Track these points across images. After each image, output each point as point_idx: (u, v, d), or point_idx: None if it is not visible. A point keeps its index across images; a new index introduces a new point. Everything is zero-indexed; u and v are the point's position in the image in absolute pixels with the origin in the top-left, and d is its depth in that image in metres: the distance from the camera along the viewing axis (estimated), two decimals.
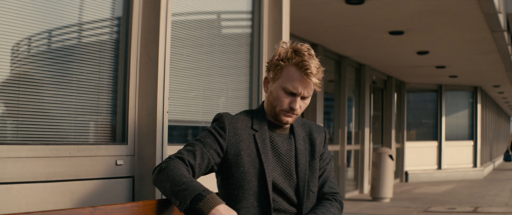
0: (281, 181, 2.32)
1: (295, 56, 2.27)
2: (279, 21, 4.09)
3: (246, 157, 2.28)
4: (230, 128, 2.31)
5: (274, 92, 2.32)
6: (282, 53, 2.31)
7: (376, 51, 10.13)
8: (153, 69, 3.03)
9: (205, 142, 2.29)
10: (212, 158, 2.28)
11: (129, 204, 2.17)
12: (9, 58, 2.50)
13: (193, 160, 2.24)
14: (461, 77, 14.28)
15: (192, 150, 2.27)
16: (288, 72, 2.28)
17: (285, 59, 2.29)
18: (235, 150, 2.29)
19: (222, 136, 2.30)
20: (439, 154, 15.89)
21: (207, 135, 2.32)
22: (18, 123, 2.53)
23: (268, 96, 2.37)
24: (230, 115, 2.36)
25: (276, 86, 2.31)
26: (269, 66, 2.37)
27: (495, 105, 24.86)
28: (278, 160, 2.34)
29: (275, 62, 2.32)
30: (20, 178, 2.44)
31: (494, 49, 9.51)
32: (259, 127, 2.35)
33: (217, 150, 2.29)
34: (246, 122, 2.35)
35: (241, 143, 2.30)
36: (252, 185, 2.27)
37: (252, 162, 2.28)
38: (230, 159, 2.29)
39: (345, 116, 10.52)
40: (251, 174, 2.27)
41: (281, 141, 2.38)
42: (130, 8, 3.04)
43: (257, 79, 4.07)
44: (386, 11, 7.02)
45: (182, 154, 2.26)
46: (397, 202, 9.97)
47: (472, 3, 6.58)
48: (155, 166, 3.00)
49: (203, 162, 2.26)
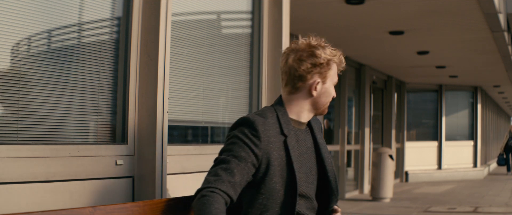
0: (303, 184, 2.32)
1: (334, 54, 2.38)
2: (279, 21, 4.09)
3: (277, 166, 2.24)
4: (264, 137, 2.23)
5: (329, 90, 2.39)
6: (324, 55, 2.34)
7: (376, 51, 10.12)
8: (153, 69, 3.03)
9: (239, 157, 2.18)
10: (249, 171, 2.21)
11: (129, 204, 2.17)
12: (9, 58, 2.50)
13: (233, 179, 2.15)
14: (461, 77, 14.28)
15: (229, 169, 2.16)
16: (335, 68, 2.40)
17: (332, 60, 2.37)
18: (267, 159, 2.23)
19: (257, 146, 2.21)
20: (439, 154, 15.89)
21: (240, 146, 2.20)
22: (18, 123, 2.53)
23: (319, 98, 2.37)
24: (261, 120, 2.26)
25: (329, 84, 2.39)
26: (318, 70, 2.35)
27: (495, 105, 24.85)
28: (302, 160, 2.34)
29: (326, 65, 2.35)
30: (20, 178, 2.44)
31: (494, 49, 9.51)
32: (288, 130, 2.31)
33: (253, 161, 2.21)
34: (275, 127, 2.28)
35: (273, 152, 2.24)
36: (279, 195, 2.24)
37: (281, 171, 2.25)
38: (262, 168, 2.23)
39: (345, 116, 10.51)
40: (280, 183, 2.24)
41: (303, 138, 2.38)
42: (130, 8, 3.04)
43: (257, 79, 4.07)
44: (386, 11, 7.02)
45: (220, 176, 2.14)
46: (397, 202, 9.97)
47: (472, 3, 6.58)
48: (153, 166, 2.99)
49: (242, 179, 2.18)
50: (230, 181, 2.14)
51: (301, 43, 2.36)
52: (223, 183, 2.12)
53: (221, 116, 3.96)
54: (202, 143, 3.79)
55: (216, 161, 2.22)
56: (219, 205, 2.07)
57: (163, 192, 3.03)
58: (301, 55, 2.33)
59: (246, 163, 2.18)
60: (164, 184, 3.05)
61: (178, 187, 3.23)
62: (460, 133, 16.66)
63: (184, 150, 3.37)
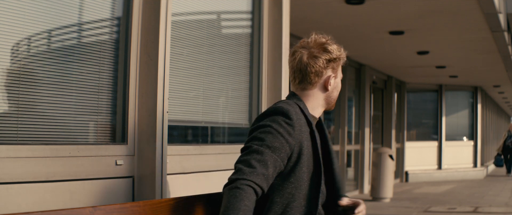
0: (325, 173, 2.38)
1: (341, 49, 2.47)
2: (279, 21, 4.09)
3: (306, 156, 2.27)
4: (297, 125, 2.26)
5: (338, 84, 2.50)
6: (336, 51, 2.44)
7: (376, 51, 10.13)
8: (153, 69, 3.03)
9: (274, 147, 2.18)
10: (283, 162, 2.22)
11: (129, 204, 2.17)
12: (9, 58, 2.50)
13: (267, 172, 2.14)
14: (461, 77, 14.28)
15: (263, 161, 2.14)
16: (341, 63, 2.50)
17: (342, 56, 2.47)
18: (299, 148, 2.26)
19: (291, 135, 2.23)
20: (439, 154, 15.89)
21: (275, 136, 2.20)
22: (18, 123, 2.53)
23: (332, 91, 2.47)
24: (293, 109, 2.29)
25: (339, 79, 2.50)
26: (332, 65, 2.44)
27: (495, 105, 24.85)
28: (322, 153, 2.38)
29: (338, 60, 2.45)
30: (20, 178, 2.44)
31: (494, 49, 9.51)
32: (312, 121, 2.38)
33: (287, 151, 2.22)
34: (303, 118, 2.33)
35: (304, 141, 2.28)
36: (305, 185, 2.27)
37: (309, 162, 2.28)
38: (294, 157, 2.25)
39: (345, 116, 10.52)
40: (307, 174, 2.27)
41: (319, 131, 2.44)
42: (130, 8, 3.04)
43: (257, 79, 4.07)
44: (386, 11, 7.02)
45: (256, 168, 2.12)
46: (397, 202, 9.97)
47: (472, 3, 6.58)
48: (153, 166, 2.99)
49: (275, 171, 2.19)
50: (264, 173, 2.13)
51: (311, 41, 2.44)
52: (258, 176, 2.11)
53: (221, 115, 3.96)
54: (202, 143, 3.79)
55: (248, 149, 2.18)
56: (249, 202, 2.05)
57: (163, 192, 3.04)
58: (314, 52, 2.40)
59: (280, 153, 2.19)
60: (164, 184, 3.05)
61: (178, 187, 3.23)
62: (460, 133, 16.65)
63: (184, 150, 3.37)
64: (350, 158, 11.30)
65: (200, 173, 3.41)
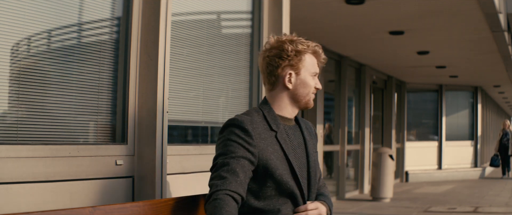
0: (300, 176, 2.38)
1: (306, 44, 2.44)
2: (279, 21, 4.09)
3: (276, 160, 2.30)
4: (254, 134, 2.29)
5: (304, 81, 2.44)
6: (293, 46, 2.42)
7: (376, 51, 10.12)
8: (153, 69, 3.03)
9: (237, 156, 2.23)
10: (249, 168, 2.26)
11: (128, 204, 2.17)
12: (9, 58, 2.50)
13: (238, 179, 2.20)
14: (462, 77, 14.27)
15: (232, 169, 2.21)
16: (310, 58, 2.45)
17: (301, 50, 2.43)
18: (265, 155, 2.29)
19: (251, 144, 2.27)
20: (439, 154, 15.89)
21: (235, 146, 2.26)
22: (18, 123, 2.53)
23: (296, 89, 2.44)
24: (248, 118, 2.33)
25: (304, 75, 2.44)
26: (285, 63, 2.42)
27: (496, 105, 24.85)
28: (295, 154, 2.40)
29: (294, 56, 2.42)
30: (20, 178, 2.44)
31: (495, 49, 9.51)
32: (276, 126, 2.38)
33: (251, 159, 2.26)
34: (263, 124, 2.36)
35: (268, 147, 2.31)
36: (289, 185, 2.30)
37: (282, 164, 2.32)
38: (262, 164, 2.28)
39: (345, 116, 10.51)
40: (286, 175, 2.31)
41: (293, 133, 2.45)
42: (130, 8, 3.04)
43: (257, 79, 4.07)
44: (386, 11, 7.02)
45: (226, 178, 2.19)
46: (397, 202, 9.97)
47: (472, 3, 6.58)
48: (153, 166, 2.99)
49: (245, 177, 2.24)
50: (236, 180, 2.19)
51: (271, 41, 2.46)
52: (231, 183, 2.18)
53: (221, 116, 3.96)
54: (202, 143, 3.79)
55: (215, 166, 2.26)
56: (230, 208, 2.13)
57: (163, 192, 3.04)
58: (270, 52, 2.43)
59: (245, 160, 2.24)
60: (164, 184, 3.05)
61: (178, 187, 3.23)
62: (460, 133, 16.64)
63: (184, 150, 3.37)
64: (350, 158, 11.30)
65: (200, 173, 3.41)
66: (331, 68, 10.34)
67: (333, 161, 10.56)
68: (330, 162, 10.60)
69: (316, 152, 2.55)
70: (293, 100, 2.47)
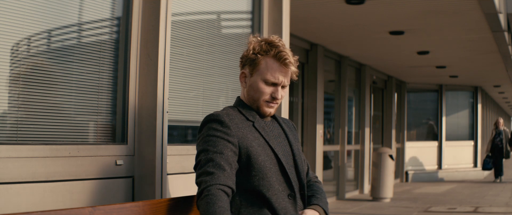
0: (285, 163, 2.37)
1: (271, 48, 2.35)
2: (279, 21, 4.09)
3: (257, 147, 2.30)
4: (232, 124, 2.30)
5: (254, 85, 2.37)
6: (256, 47, 2.37)
7: (376, 51, 10.12)
8: (153, 69, 3.03)
9: (219, 150, 2.23)
10: (234, 159, 2.26)
11: (128, 204, 2.17)
12: (9, 58, 2.51)
13: (225, 172, 2.19)
14: (462, 77, 14.27)
15: (217, 164, 2.20)
16: (267, 63, 2.36)
17: (262, 52, 2.36)
18: (245, 143, 2.29)
19: (229, 134, 2.27)
20: (439, 154, 15.89)
21: (214, 141, 2.25)
22: (18, 123, 2.53)
23: (248, 91, 2.41)
24: (223, 112, 2.35)
25: (256, 79, 2.37)
26: (245, 61, 2.41)
27: (496, 105, 24.85)
28: (276, 143, 2.39)
29: (251, 56, 2.38)
30: (20, 178, 2.44)
31: (495, 49, 9.51)
32: (252, 117, 2.39)
33: (233, 149, 2.26)
34: (239, 116, 2.37)
35: (247, 135, 2.31)
36: (273, 172, 2.29)
37: (265, 150, 2.32)
38: (244, 152, 2.28)
39: (345, 116, 10.51)
40: (269, 161, 2.30)
41: (271, 125, 2.45)
42: (130, 8, 3.04)
43: None
44: (386, 11, 7.02)
45: (213, 173, 2.18)
46: (398, 202, 9.97)
47: (472, 3, 6.57)
48: (153, 166, 2.99)
49: (232, 169, 2.23)
50: (224, 173, 2.19)
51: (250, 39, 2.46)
52: (219, 177, 2.17)
53: None
54: None
55: (199, 163, 2.25)
56: (223, 203, 2.12)
57: (163, 192, 3.04)
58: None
59: (227, 152, 2.24)
60: (164, 184, 3.05)
61: (178, 187, 3.23)
62: (461, 133, 16.63)
63: (184, 150, 3.37)
64: (350, 158, 11.30)
65: None
66: (331, 68, 10.34)
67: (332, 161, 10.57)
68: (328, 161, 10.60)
69: (298, 141, 2.52)
70: (249, 100, 2.43)
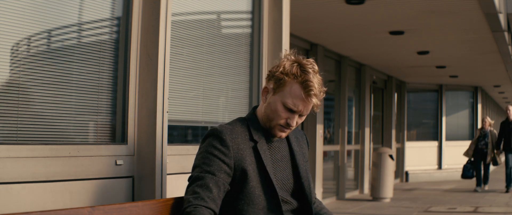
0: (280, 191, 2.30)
1: (300, 73, 2.23)
2: (279, 21, 4.09)
3: (252, 172, 2.23)
4: (233, 145, 2.22)
5: (273, 105, 2.27)
6: (287, 67, 2.24)
7: (376, 51, 10.12)
8: (153, 69, 3.03)
9: (212, 171, 2.19)
10: (225, 181, 2.21)
11: (127, 204, 2.17)
12: (9, 58, 2.51)
13: (211, 194, 2.16)
14: (462, 77, 14.28)
15: (205, 185, 2.17)
16: (291, 88, 2.23)
17: (290, 74, 2.23)
18: (241, 165, 2.22)
19: (227, 155, 2.21)
20: (439, 154, 15.89)
21: (211, 159, 2.20)
22: (18, 123, 2.53)
23: (266, 108, 2.30)
24: (228, 129, 2.26)
25: (276, 99, 2.26)
26: (271, 76, 2.30)
27: (496, 105, 24.85)
28: (276, 165, 2.32)
29: (279, 75, 2.25)
30: (20, 178, 2.44)
31: (495, 49, 9.51)
32: (258, 136, 2.29)
33: (227, 171, 2.21)
34: (244, 134, 2.28)
35: (246, 158, 2.23)
36: (261, 199, 2.23)
37: (258, 176, 2.24)
38: (238, 175, 2.23)
39: (345, 116, 10.51)
40: (259, 188, 2.24)
41: (278, 146, 2.36)
42: (130, 8, 3.04)
43: (257, 79, 4.07)
44: (386, 11, 7.02)
45: (199, 193, 2.15)
46: (398, 202, 9.97)
47: (472, 3, 6.57)
48: (153, 166, 2.99)
49: (220, 191, 2.19)
50: (209, 196, 2.16)
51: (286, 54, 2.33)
52: (203, 199, 2.15)
53: (221, 116, 3.96)
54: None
55: (191, 178, 2.23)
56: None
57: (163, 192, 3.04)
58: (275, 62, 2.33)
59: (220, 174, 2.20)
60: (164, 184, 3.05)
61: (178, 187, 3.23)
62: (461, 133, 16.63)
63: (184, 150, 3.37)
64: (350, 158, 11.30)
65: None
66: (331, 68, 10.34)
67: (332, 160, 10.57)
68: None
69: (306, 161, 2.44)
70: (263, 119, 2.33)
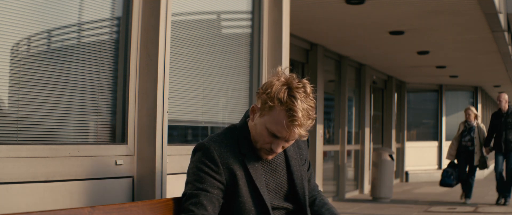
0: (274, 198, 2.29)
1: (287, 99, 2.10)
2: (279, 21, 4.09)
3: (243, 186, 2.21)
4: (222, 161, 2.19)
5: (259, 128, 2.19)
6: (275, 89, 2.12)
7: (376, 51, 10.12)
8: (153, 69, 3.03)
9: (204, 188, 2.17)
10: (219, 196, 2.20)
11: (127, 204, 2.17)
12: (9, 58, 2.51)
13: (206, 212, 2.15)
14: (462, 77, 14.28)
15: (199, 202, 2.16)
16: (276, 114, 2.12)
17: (275, 100, 2.11)
18: (232, 181, 2.21)
19: (217, 172, 2.19)
20: (439, 154, 15.88)
21: (201, 177, 2.18)
22: (18, 123, 2.53)
23: (252, 128, 2.23)
24: (216, 144, 2.21)
25: (262, 122, 2.18)
26: (260, 95, 2.19)
27: (496, 105, 24.83)
28: (270, 175, 2.30)
29: (265, 98, 2.14)
30: (20, 178, 2.44)
31: (495, 49, 9.51)
32: (247, 149, 2.24)
33: (219, 186, 2.19)
34: (233, 148, 2.23)
35: (237, 172, 2.21)
36: (252, 213, 2.22)
37: (248, 190, 2.22)
38: (230, 189, 2.22)
39: (345, 116, 10.51)
40: (250, 203, 2.22)
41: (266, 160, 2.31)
42: (130, 8, 3.04)
43: (257, 79, 4.07)
44: (386, 11, 7.02)
45: (193, 211, 2.14)
46: (397, 202, 9.97)
47: (472, 3, 6.57)
48: (153, 166, 2.99)
49: (215, 207, 2.18)
50: (204, 213, 2.15)
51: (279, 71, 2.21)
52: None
53: (221, 116, 3.96)
54: None
55: (184, 196, 2.22)
56: None
57: (163, 192, 3.04)
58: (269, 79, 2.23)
59: (213, 190, 2.19)
60: (164, 184, 3.05)
61: (178, 187, 3.23)
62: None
63: (184, 150, 3.37)
64: (350, 158, 11.30)
65: None
66: (331, 68, 10.34)
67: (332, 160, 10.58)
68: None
69: (302, 165, 2.38)
70: (252, 137, 2.25)
